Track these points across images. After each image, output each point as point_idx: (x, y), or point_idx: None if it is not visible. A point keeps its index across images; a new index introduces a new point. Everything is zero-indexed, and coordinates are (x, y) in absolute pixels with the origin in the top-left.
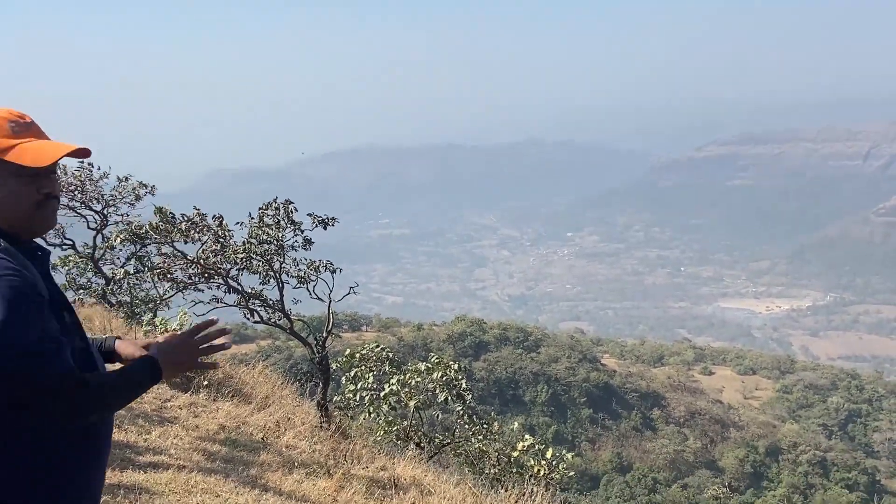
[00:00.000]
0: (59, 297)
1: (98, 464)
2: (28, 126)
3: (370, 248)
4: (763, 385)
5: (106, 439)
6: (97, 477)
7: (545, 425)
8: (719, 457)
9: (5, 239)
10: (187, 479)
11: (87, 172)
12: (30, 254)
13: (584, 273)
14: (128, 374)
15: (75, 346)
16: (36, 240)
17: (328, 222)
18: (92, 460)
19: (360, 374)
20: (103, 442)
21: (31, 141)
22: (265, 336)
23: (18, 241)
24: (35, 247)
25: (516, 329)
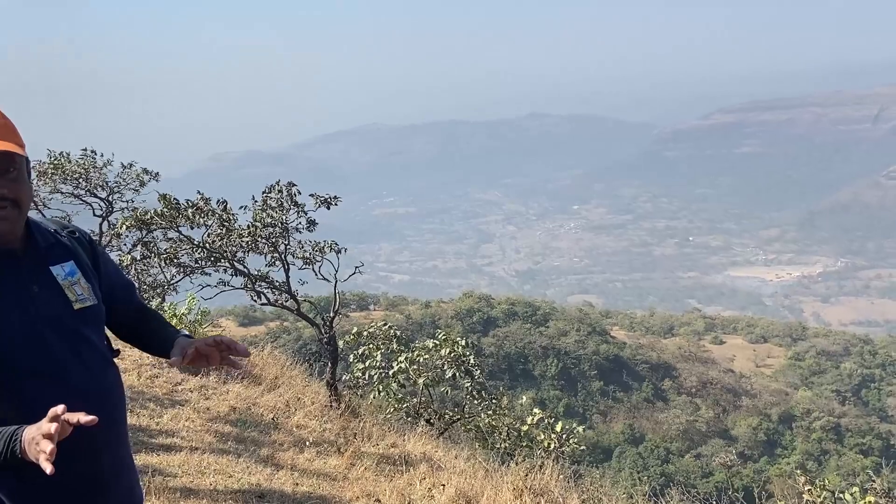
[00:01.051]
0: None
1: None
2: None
3: (376, 228)
4: (775, 353)
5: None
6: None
7: (556, 399)
8: (732, 426)
9: None
10: (200, 461)
11: (91, 160)
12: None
13: (591, 246)
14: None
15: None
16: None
17: (331, 202)
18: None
19: (367, 353)
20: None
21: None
22: (274, 318)
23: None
24: (4, 250)
25: (524, 304)
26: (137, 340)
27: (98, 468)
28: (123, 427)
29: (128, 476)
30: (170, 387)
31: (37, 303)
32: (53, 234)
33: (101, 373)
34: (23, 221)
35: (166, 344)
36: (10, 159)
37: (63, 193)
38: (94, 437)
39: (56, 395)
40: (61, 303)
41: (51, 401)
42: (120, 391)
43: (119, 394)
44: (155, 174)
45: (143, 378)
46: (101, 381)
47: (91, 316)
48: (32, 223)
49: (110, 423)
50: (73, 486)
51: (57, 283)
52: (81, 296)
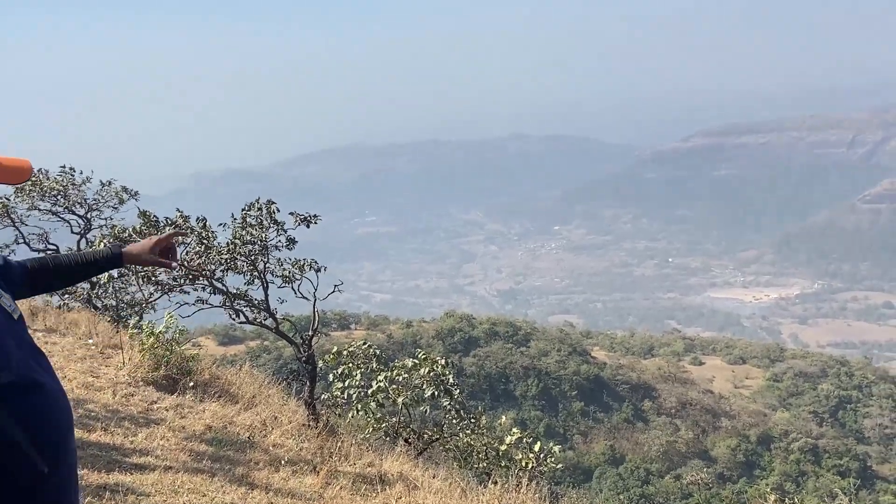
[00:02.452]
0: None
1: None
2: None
3: (358, 246)
4: (753, 374)
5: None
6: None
7: (536, 419)
8: (711, 446)
9: None
10: (174, 480)
11: (70, 177)
12: None
13: (572, 266)
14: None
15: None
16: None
17: (311, 220)
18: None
19: (347, 372)
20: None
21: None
22: (254, 337)
23: None
24: None
25: (505, 324)
26: (60, 280)
27: (72, 470)
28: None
29: (76, 484)
30: (145, 405)
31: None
32: None
33: (56, 378)
34: None
35: (98, 266)
36: None
37: (41, 210)
38: (71, 441)
39: (46, 404)
40: (7, 315)
41: (46, 410)
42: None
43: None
44: (134, 192)
45: (117, 396)
46: (60, 385)
47: (24, 324)
48: None
49: (71, 427)
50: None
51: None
52: (11, 306)
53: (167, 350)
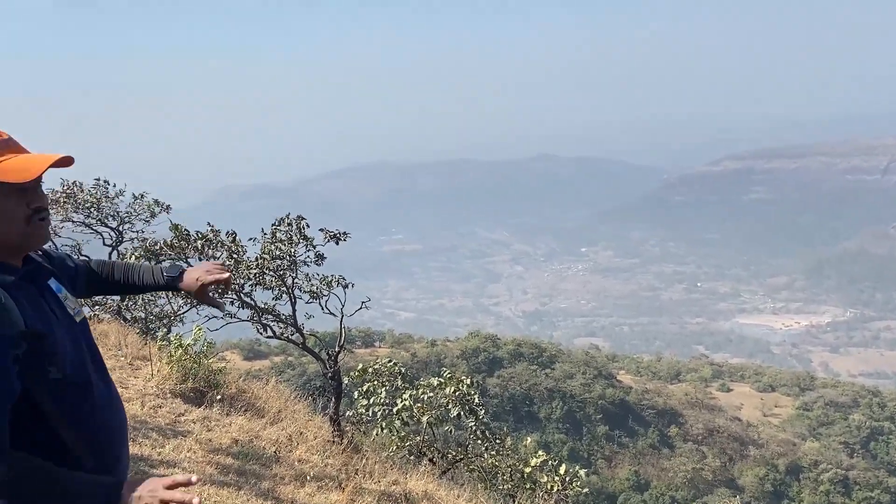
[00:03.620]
0: (45, 319)
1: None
2: (5, 143)
3: (383, 264)
4: (783, 402)
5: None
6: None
7: (560, 442)
8: (739, 475)
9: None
10: (200, 492)
11: (104, 190)
12: (29, 275)
13: (598, 288)
14: (74, 485)
15: (48, 378)
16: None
17: (340, 237)
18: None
19: (372, 389)
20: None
21: (11, 157)
22: (279, 352)
23: (8, 262)
24: (32, 267)
25: (530, 345)
26: (117, 287)
27: (125, 471)
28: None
29: None
30: (173, 417)
31: (56, 317)
32: (37, 253)
33: (110, 381)
34: None
35: (150, 279)
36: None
37: (74, 222)
38: (125, 441)
39: (88, 405)
40: (69, 317)
41: (99, 409)
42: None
43: (123, 417)
44: (166, 206)
45: (146, 408)
46: (113, 389)
47: (86, 327)
48: None
49: (125, 431)
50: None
51: (58, 298)
52: (76, 309)
53: (195, 363)
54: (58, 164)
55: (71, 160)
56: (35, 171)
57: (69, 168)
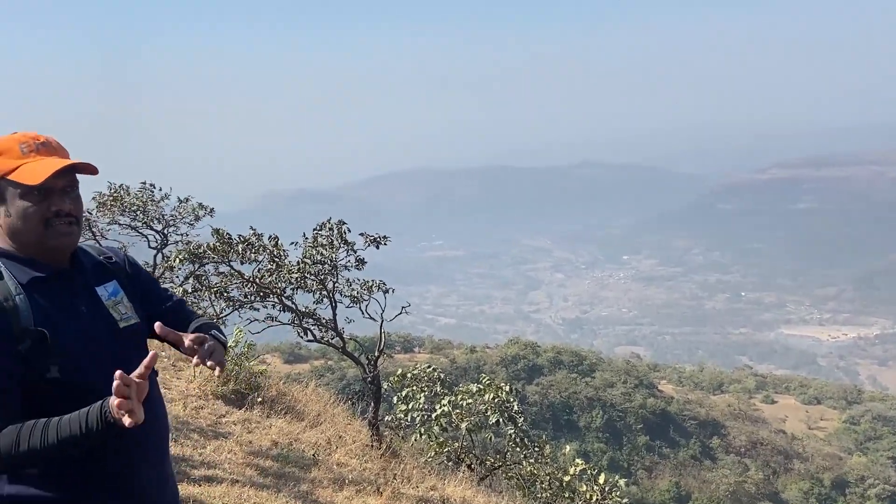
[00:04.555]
0: (61, 320)
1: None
2: (41, 146)
3: (423, 270)
4: (828, 415)
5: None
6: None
7: (600, 451)
8: (782, 489)
9: (16, 261)
10: (240, 493)
11: (149, 193)
12: (60, 275)
13: (640, 297)
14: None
15: (45, 377)
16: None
17: (381, 241)
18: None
19: (411, 395)
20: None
21: (36, 160)
22: (318, 356)
23: (42, 260)
24: (69, 268)
25: (570, 353)
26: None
27: (141, 483)
28: (166, 443)
29: (171, 492)
30: (214, 418)
31: (85, 322)
32: (95, 255)
33: (152, 389)
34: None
35: (188, 327)
36: (73, 178)
37: (121, 224)
38: (143, 452)
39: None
40: (107, 322)
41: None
42: (162, 408)
43: (162, 411)
44: (210, 209)
45: (188, 409)
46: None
47: (134, 334)
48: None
49: (157, 439)
50: (118, 498)
51: (102, 303)
52: (126, 315)
53: (236, 365)
54: (78, 170)
55: (93, 169)
56: (42, 175)
57: (97, 174)
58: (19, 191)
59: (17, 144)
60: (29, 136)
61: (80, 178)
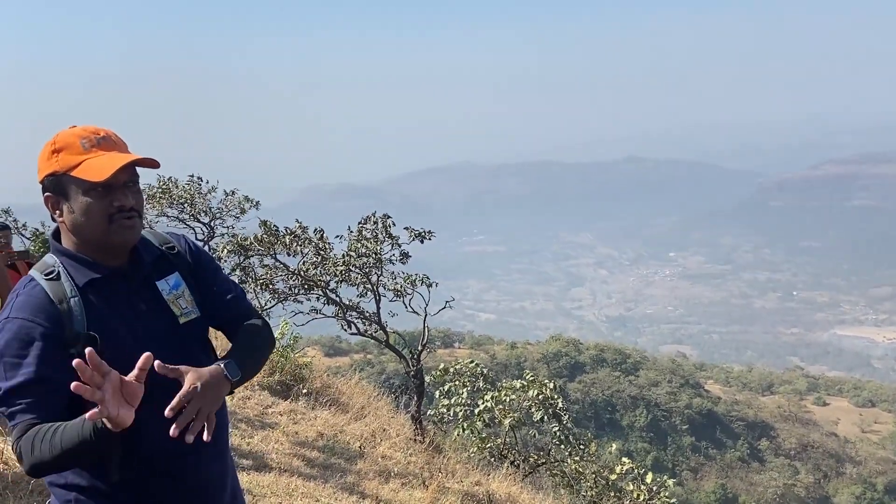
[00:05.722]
0: (114, 322)
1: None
2: (101, 140)
3: (464, 265)
4: (883, 419)
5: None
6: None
7: (644, 451)
8: (833, 493)
9: (76, 261)
10: (288, 483)
11: (197, 186)
12: (116, 275)
13: (687, 295)
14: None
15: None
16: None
17: (425, 236)
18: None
19: (453, 389)
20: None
21: (98, 156)
22: (358, 350)
23: (97, 260)
24: (124, 266)
25: (614, 351)
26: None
27: (204, 479)
28: (226, 435)
29: (232, 485)
30: (260, 409)
31: (143, 320)
32: (157, 246)
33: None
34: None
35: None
36: (134, 172)
37: (168, 217)
38: (199, 451)
39: (161, 412)
40: (167, 318)
41: (161, 419)
42: (221, 405)
43: (222, 408)
44: (256, 202)
45: (235, 399)
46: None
47: (196, 329)
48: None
49: (217, 430)
50: (179, 497)
51: (162, 299)
52: (186, 309)
53: (282, 356)
54: (140, 164)
55: (155, 163)
56: (107, 171)
57: (159, 168)
58: (83, 187)
59: (78, 140)
60: (89, 130)
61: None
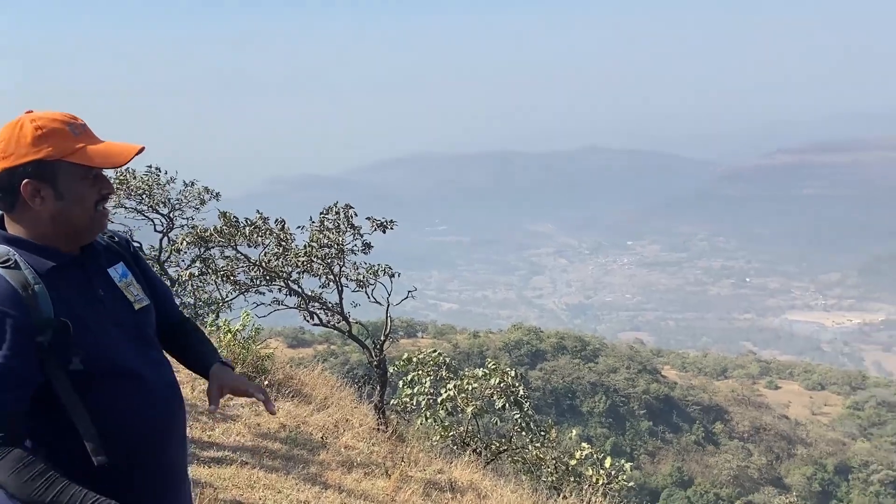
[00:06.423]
0: (81, 309)
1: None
2: (83, 127)
3: (427, 255)
4: (832, 401)
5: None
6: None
7: (603, 437)
8: (785, 474)
9: (29, 250)
10: (250, 475)
11: (155, 177)
12: (81, 262)
13: (644, 283)
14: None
15: (68, 369)
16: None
17: (387, 226)
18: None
19: (416, 379)
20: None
21: (94, 143)
22: (322, 341)
23: (56, 248)
24: (82, 254)
25: (574, 338)
26: (173, 350)
27: (171, 464)
28: (185, 425)
29: (187, 476)
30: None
31: (106, 306)
32: (101, 236)
33: (165, 371)
34: None
35: (200, 362)
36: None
37: (126, 208)
38: (168, 435)
39: (134, 396)
40: (125, 304)
41: (130, 401)
42: (179, 389)
43: (180, 392)
44: (216, 193)
45: (196, 391)
46: (168, 379)
47: (149, 315)
48: None
49: (178, 421)
50: (148, 483)
51: (117, 286)
52: (138, 296)
53: (243, 348)
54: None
55: (143, 149)
56: (124, 157)
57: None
58: (79, 174)
59: (65, 126)
60: (67, 116)
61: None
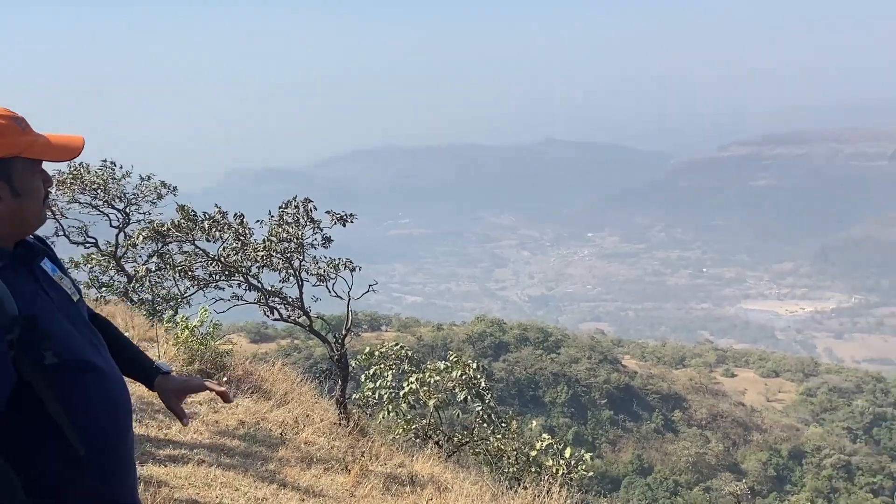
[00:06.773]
0: (38, 302)
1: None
2: (25, 121)
3: (390, 248)
4: (786, 388)
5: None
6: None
7: (565, 426)
8: (742, 460)
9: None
10: (207, 474)
11: (111, 171)
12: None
13: (604, 274)
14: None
15: (43, 363)
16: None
17: (347, 219)
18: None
19: (378, 372)
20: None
21: (41, 136)
22: (285, 335)
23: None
24: (24, 249)
25: (536, 329)
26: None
27: (130, 455)
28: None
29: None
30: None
31: (55, 299)
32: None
33: (113, 363)
34: None
35: (134, 367)
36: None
37: (81, 203)
38: (128, 425)
39: (99, 389)
40: (66, 298)
41: (96, 394)
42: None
43: (126, 389)
44: (173, 188)
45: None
46: (117, 370)
47: (84, 308)
48: None
49: (131, 412)
50: (117, 473)
51: (53, 279)
52: (71, 289)
53: (201, 344)
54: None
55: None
56: (78, 148)
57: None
58: (32, 169)
59: (12, 121)
60: (7, 110)
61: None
